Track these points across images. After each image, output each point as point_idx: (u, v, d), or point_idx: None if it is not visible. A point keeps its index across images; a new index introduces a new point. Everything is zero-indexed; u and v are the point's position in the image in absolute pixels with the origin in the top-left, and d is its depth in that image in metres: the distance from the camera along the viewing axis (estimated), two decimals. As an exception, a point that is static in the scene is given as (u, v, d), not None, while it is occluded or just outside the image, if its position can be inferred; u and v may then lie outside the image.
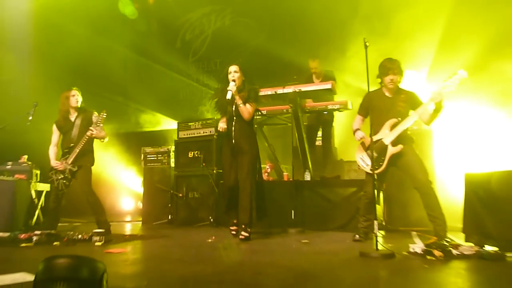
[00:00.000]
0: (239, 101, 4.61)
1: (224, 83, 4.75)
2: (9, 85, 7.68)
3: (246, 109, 4.64)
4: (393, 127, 4.26)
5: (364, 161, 4.41)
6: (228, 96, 4.56)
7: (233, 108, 4.69)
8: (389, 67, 4.27)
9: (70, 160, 4.98)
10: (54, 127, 5.21)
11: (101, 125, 4.97)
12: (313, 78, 6.60)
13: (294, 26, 8.22)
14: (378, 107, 4.35)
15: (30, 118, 5.29)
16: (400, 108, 4.28)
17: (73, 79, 8.17)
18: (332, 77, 6.27)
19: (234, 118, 4.71)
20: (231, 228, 4.89)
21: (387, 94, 4.40)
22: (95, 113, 5.13)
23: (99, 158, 5.42)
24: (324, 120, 6.52)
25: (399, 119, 4.25)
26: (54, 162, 5.07)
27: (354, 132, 4.52)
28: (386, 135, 4.27)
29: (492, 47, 5.93)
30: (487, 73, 5.75)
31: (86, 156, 5.07)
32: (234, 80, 4.65)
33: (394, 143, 4.23)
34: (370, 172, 4.26)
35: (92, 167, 5.17)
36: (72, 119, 5.17)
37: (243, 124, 4.72)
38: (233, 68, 4.75)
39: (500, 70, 5.71)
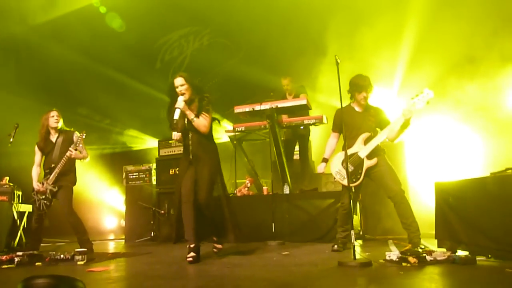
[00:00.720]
0: (191, 116, 4.26)
1: (172, 98, 4.34)
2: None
3: (200, 122, 4.28)
4: (366, 141, 4.41)
5: (341, 174, 4.51)
6: (176, 116, 4.19)
7: (186, 122, 4.34)
8: (362, 84, 4.43)
9: (51, 180, 5.00)
10: (36, 148, 5.24)
11: (81, 145, 5.01)
12: (286, 94, 6.85)
13: (269, 45, 8.44)
14: (349, 122, 4.48)
15: (11, 140, 5.31)
16: (371, 123, 4.46)
17: (54, 100, 8.22)
18: (303, 92, 6.51)
19: (190, 132, 4.39)
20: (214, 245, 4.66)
21: (357, 109, 4.56)
22: (76, 133, 5.18)
23: (82, 177, 5.46)
24: (300, 135, 6.70)
25: (372, 133, 4.42)
26: (35, 184, 5.08)
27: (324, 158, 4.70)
28: (361, 149, 4.41)
29: (454, 65, 6.21)
30: (451, 88, 6.02)
31: (67, 176, 5.10)
32: (183, 93, 4.27)
33: (369, 156, 4.38)
34: (348, 185, 4.40)
35: (75, 187, 5.19)
36: (53, 139, 5.20)
37: (201, 138, 4.37)
38: (178, 82, 4.31)
39: (462, 86, 5.99)
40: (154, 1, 9.50)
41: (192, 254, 4.20)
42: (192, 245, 4.26)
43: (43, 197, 5.01)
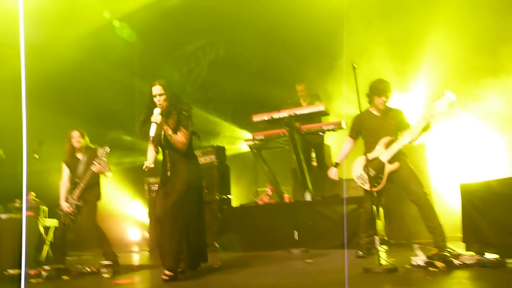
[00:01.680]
0: (168, 131, 3.82)
1: (150, 108, 3.91)
2: (14, 122, 7.86)
3: (178, 139, 3.85)
4: (388, 145, 4.36)
5: (362, 179, 4.46)
6: (152, 132, 3.80)
7: (162, 138, 3.91)
8: (382, 89, 4.37)
9: (76, 195, 5.09)
10: (63, 165, 5.36)
11: (104, 159, 5.09)
12: (301, 101, 6.85)
13: (284, 52, 8.46)
14: (369, 127, 4.45)
15: (36, 156, 5.44)
16: (392, 126, 4.40)
17: (79, 113, 8.40)
18: (318, 100, 6.52)
19: (166, 148, 3.99)
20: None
21: (375, 113, 4.51)
22: (99, 149, 5.27)
23: (105, 190, 5.54)
24: (315, 144, 6.68)
25: (393, 137, 4.36)
26: (63, 203, 5.16)
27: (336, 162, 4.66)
28: (382, 153, 4.36)
29: (476, 62, 6.11)
30: (473, 86, 5.91)
31: (92, 190, 5.18)
32: (160, 104, 3.86)
33: (391, 160, 4.32)
34: (371, 190, 4.36)
35: (99, 201, 5.28)
36: (79, 157, 5.31)
37: (179, 155, 3.95)
38: (156, 90, 3.87)
39: (485, 84, 5.89)
40: (170, 14, 9.66)
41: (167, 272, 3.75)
42: (169, 272, 3.78)
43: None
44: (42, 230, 6.04)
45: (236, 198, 7.56)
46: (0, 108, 7.29)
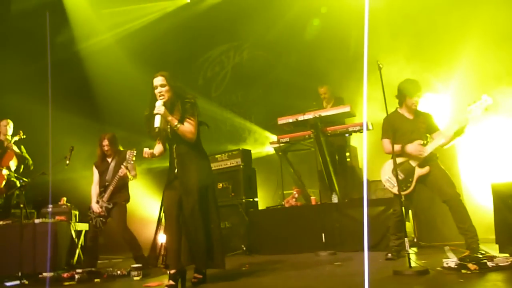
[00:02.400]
0: (174, 122, 3.65)
1: (153, 102, 3.72)
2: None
3: (186, 129, 3.66)
4: None
5: (391, 182, 4.40)
6: (157, 123, 3.59)
7: (169, 129, 3.73)
8: (412, 89, 4.29)
9: (106, 198, 5.21)
10: (94, 168, 5.50)
11: (132, 162, 5.18)
12: (324, 103, 6.83)
13: (308, 55, 8.45)
14: (400, 130, 4.37)
15: (68, 162, 5.59)
16: (422, 130, 4.32)
17: (109, 117, 8.56)
18: (342, 104, 6.46)
19: (174, 142, 3.80)
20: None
21: (406, 115, 4.43)
22: (128, 151, 5.37)
23: (134, 194, 5.64)
24: (338, 146, 6.64)
25: (424, 141, 4.28)
26: (94, 204, 5.29)
27: (391, 151, 4.36)
28: (412, 156, 4.30)
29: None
30: (505, 84, 5.77)
31: (121, 193, 5.29)
32: (162, 95, 3.69)
33: (421, 164, 4.26)
34: (399, 193, 4.30)
35: (128, 204, 5.38)
36: (109, 160, 5.44)
37: (188, 148, 3.77)
38: (158, 81, 3.71)
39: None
40: (193, 20, 9.77)
41: (170, 282, 3.56)
42: (172, 271, 3.63)
43: (98, 215, 5.22)
44: (73, 234, 6.20)
45: (262, 200, 7.57)
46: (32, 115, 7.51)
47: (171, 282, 3.54)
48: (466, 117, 4.00)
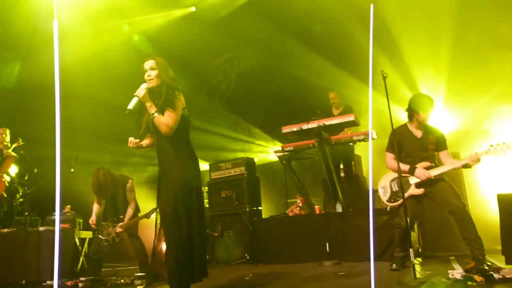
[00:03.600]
0: (151, 109, 3.31)
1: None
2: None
3: (162, 120, 3.31)
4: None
5: (384, 191, 4.46)
6: (130, 105, 3.26)
7: (151, 120, 3.41)
8: (425, 104, 4.21)
9: (118, 231, 5.24)
10: (94, 203, 5.59)
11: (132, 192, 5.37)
12: (333, 108, 6.89)
13: (311, 63, 8.47)
14: (406, 147, 4.33)
15: (72, 170, 5.62)
16: (431, 152, 4.28)
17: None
18: (351, 112, 6.45)
19: (156, 136, 3.52)
20: None
21: (414, 132, 4.36)
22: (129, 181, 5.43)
23: (143, 205, 5.67)
24: (342, 155, 6.63)
25: (432, 164, 4.24)
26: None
27: (392, 167, 4.42)
28: (412, 177, 4.27)
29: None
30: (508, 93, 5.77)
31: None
32: (151, 79, 3.39)
33: (418, 185, 4.25)
34: (387, 203, 4.43)
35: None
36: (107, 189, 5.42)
37: (167, 144, 3.43)
38: (148, 64, 3.42)
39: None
40: (198, 28, 9.81)
41: None
42: None
43: (105, 238, 5.27)
44: (77, 242, 6.20)
45: (266, 209, 7.56)
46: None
47: None
48: (479, 158, 3.95)
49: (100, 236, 5.26)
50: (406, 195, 4.23)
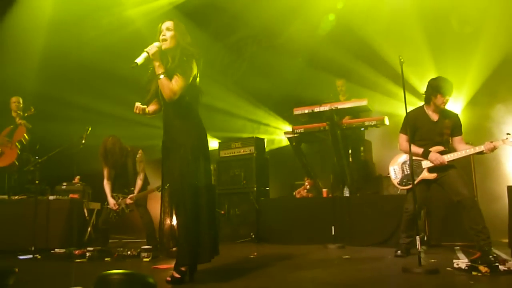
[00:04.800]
0: (159, 70, 3.12)
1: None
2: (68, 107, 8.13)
3: (166, 83, 3.11)
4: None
5: (395, 174, 4.46)
6: (138, 59, 3.04)
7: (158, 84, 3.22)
8: (445, 87, 4.13)
9: (128, 202, 5.35)
10: (104, 168, 5.60)
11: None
12: (340, 96, 6.89)
13: (326, 48, 8.35)
14: (421, 129, 4.28)
15: (83, 141, 5.66)
16: (446, 136, 4.23)
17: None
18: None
19: (163, 103, 3.32)
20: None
21: (431, 116, 4.29)
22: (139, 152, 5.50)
23: (153, 178, 5.71)
24: (352, 139, 6.58)
25: (446, 149, 4.19)
26: (110, 200, 5.44)
27: (405, 149, 4.34)
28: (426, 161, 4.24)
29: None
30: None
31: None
32: (165, 40, 3.18)
33: (431, 170, 4.22)
34: (398, 185, 4.42)
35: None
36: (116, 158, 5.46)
37: (174, 111, 3.26)
38: (166, 25, 3.23)
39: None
40: (212, 5, 9.67)
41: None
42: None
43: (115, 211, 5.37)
44: (86, 212, 6.29)
45: (274, 190, 7.58)
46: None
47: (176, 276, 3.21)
48: (496, 146, 3.92)
49: (109, 206, 5.34)
50: (418, 179, 4.22)
